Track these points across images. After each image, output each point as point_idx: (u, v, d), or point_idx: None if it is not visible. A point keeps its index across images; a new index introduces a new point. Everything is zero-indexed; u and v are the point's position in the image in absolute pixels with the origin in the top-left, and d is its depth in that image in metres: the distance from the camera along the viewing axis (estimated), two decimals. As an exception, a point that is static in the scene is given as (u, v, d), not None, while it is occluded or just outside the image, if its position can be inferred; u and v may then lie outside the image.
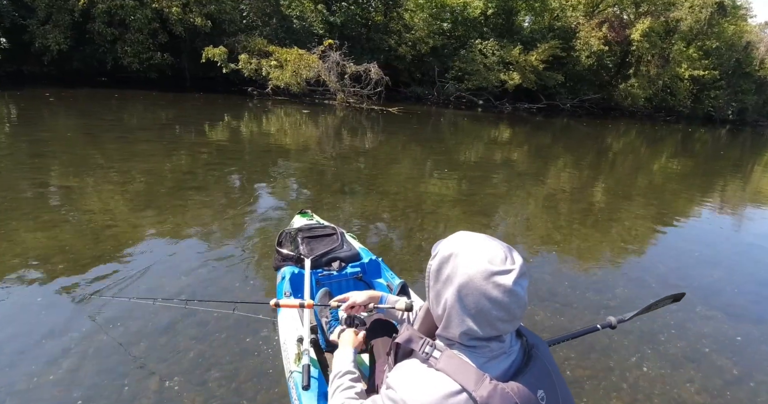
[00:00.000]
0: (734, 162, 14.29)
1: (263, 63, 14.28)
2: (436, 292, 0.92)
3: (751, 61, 31.47)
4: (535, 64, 20.91)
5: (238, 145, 8.45)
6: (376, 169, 7.47)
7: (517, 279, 0.84)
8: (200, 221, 4.33)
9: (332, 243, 2.68)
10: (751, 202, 8.22)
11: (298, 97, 15.18)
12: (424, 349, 0.92)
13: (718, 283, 4.08)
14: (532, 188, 7.05)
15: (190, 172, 6.09)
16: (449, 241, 0.93)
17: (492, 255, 0.85)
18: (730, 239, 5.68)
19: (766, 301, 3.85)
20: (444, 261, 0.90)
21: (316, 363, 1.79)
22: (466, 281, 0.84)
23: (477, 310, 0.84)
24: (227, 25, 16.66)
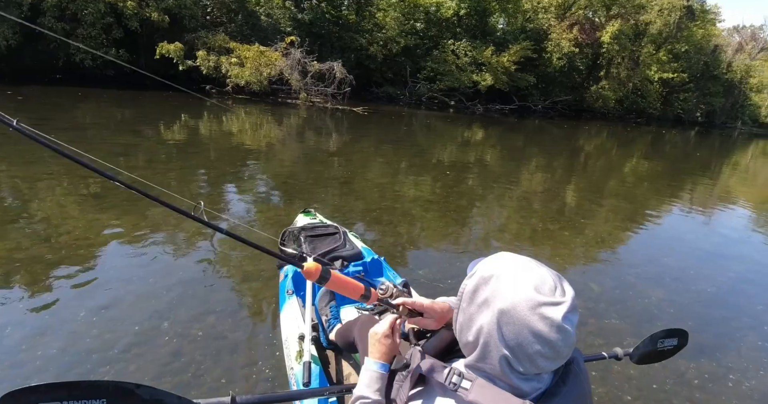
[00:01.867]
0: (703, 163, 14.51)
1: (223, 60, 13.61)
2: (468, 316, 0.83)
3: (719, 65, 32.24)
4: (507, 65, 20.78)
5: (196, 146, 7.89)
6: (347, 170, 7.15)
7: (567, 314, 0.74)
8: (156, 224, 4.01)
9: (335, 242, 2.70)
10: (720, 202, 8.33)
11: (260, 95, 14.53)
12: (451, 379, 0.83)
13: (690, 281, 4.10)
14: (506, 189, 7.02)
15: (147, 172, 5.64)
16: (491, 261, 0.85)
17: (539, 283, 0.77)
18: (700, 238, 5.82)
19: (736, 294, 3.97)
20: (482, 283, 0.81)
21: (317, 360, 1.77)
22: (507, 308, 0.75)
23: (517, 343, 0.75)
24: (187, 21, 15.90)
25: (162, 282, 3.06)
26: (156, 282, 3.05)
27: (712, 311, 3.58)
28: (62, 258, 3.25)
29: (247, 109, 12.85)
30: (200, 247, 3.66)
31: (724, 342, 3.09)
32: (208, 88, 14.28)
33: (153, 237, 3.76)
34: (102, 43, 14.83)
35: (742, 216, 7.34)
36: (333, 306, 2.19)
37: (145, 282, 3.04)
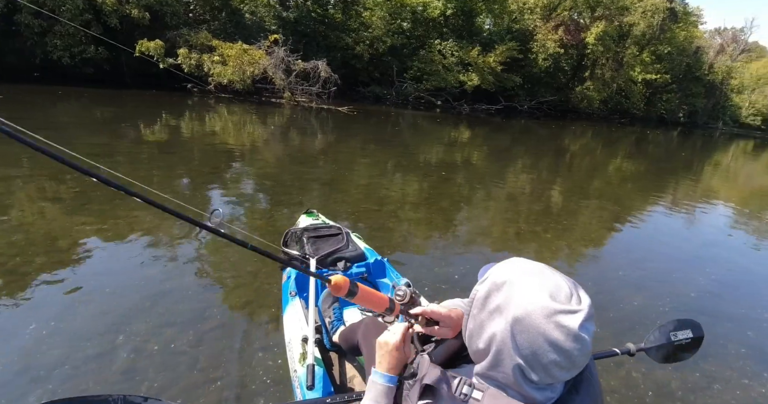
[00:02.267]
0: (686, 163, 14.71)
1: (205, 58, 13.35)
2: (480, 323, 0.80)
3: (701, 66, 32.81)
4: (493, 65, 20.84)
5: (178, 146, 7.67)
6: (333, 170, 7.02)
7: (584, 322, 0.71)
8: (140, 227, 3.89)
9: (337, 243, 2.66)
10: (703, 202, 8.35)
11: (243, 94, 14.29)
12: (462, 390, 0.82)
13: (673, 285, 4.08)
14: (493, 190, 6.99)
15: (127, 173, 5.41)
16: (503, 267, 0.83)
17: (555, 290, 0.74)
18: (683, 240, 5.81)
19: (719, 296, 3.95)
20: (495, 289, 0.78)
21: (321, 363, 1.75)
22: (521, 316, 0.72)
23: (531, 352, 0.72)
24: (169, 18, 15.59)
25: (153, 286, 2.98)
26: (148, 285, 2.98)
27: (694, 317, 3.52)
28: (43, 265, 3.10)
29: (230, 108, 12.62)
30: (186, 249, 3.58)
31: (707, 350, 3.03)
32: (190, 87, 14.00)
33: (137, 240, 3.65)
34: (80, 40, 14.48)
35: (724, 216, 7.39)
36: (336, 308, 2.17)
37: (133, 286, 2.96)
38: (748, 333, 3.27)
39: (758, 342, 3.15)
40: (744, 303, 3.80)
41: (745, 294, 4.07)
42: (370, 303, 1.15)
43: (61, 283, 2.92)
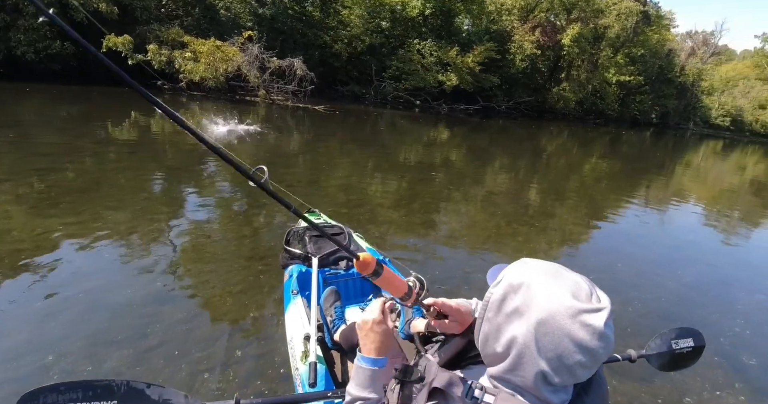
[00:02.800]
0: (658, 163, 15.04)
1: (176, 55, 12.95)
2: (496, 326, 0.78)
3: (673, 68, 33.70)
4: (472, 65, 20.92)
5: (148, 145, 7.42)
6: (311, 170, 6.90)
7: (607, 320, 0.70)
8: (118, 227, 3.83)
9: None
10: (674, 201, 8.60)
11: (216, 92, 13.90)
12: (472, 394, 0.79)
13: (645, 287, 4.13)
14: (472, 189, 7.05)
15: (99, 176, 5.25)
16: (518, 268, 0.80)
17: (576, 289, 0.73)
18: (655, 239, 5.90)
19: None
20: (511, 291, 0.76)
21: (323, 361, 1.76)
22: (545, 318, 0.70)
23: (556, 354, 0.70)
24: (139, 13, 15.12)
25: (142, 288, 2.94)
26: (133, 283, 2.96)
27: (667, 322, 3.50)
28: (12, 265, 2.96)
29: (203, 106, 12.28)
30: (161, 247, 3.53)
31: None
32: (160, 84, 13.56)
33: (116, 240, 3.57)
34: (45, 35, 13.92)
35: (695, 216, 7.55)
36: (338, 307, 2.15)
37: (119, 287, 2.92)
38: (721, 340, 3.26)
39: (730, 350, 3.12)
40: (713, 308, 3.81)
41: (716, 297, 4.09)
42: (391, 286, 1.13)
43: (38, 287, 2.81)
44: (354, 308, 2.42)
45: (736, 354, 3.05)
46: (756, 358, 3.01)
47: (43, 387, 0.99)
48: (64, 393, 0.99)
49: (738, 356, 3.02)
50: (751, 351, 3.11)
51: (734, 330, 3.41)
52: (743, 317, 3.62)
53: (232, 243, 3.81)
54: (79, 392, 1.01)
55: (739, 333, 3.37)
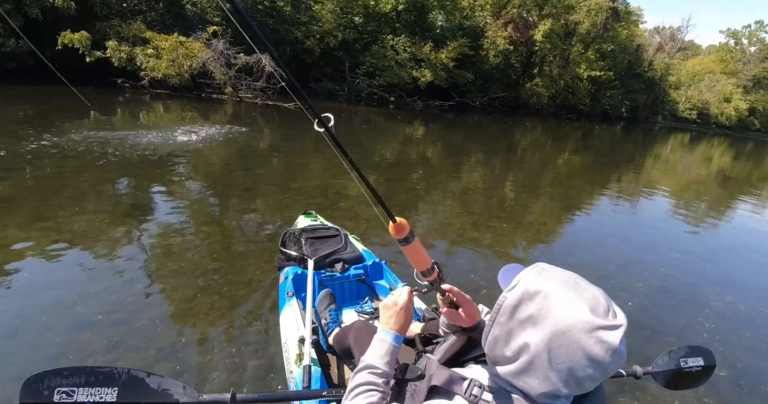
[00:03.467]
0: (629, 156, 15.41)
1: (137, 51, 12.38)
2: (507, 331, 0.78)
3: (641, 63, 34.42)
4: (446, 61, 20.85)
5: (111, 148, 6.98)
6: (285, 170, 6.72)
7: (623, 337, 0.71)
8: (83, 235, 3.67)
9: (336, 245, 2.65)
10: (645, 192, 8.87)
11: (181, 90, 13.36)
12: (471, 391, 0.82)
13: (616, 275, 4.26)
14: (448, 185, 7.08)
15: (60, 180, 4.96)
16: (534, 275, 0.79)
17: (594, 304, 0.73)
18: (628, 224, 6.25)
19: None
20: (527, 298, 0.76)
21: (317, 364, 1.76)
22: (562, 330, 0.71)
23: (568, 366, 0.71)
24: (99, 8, 14.45)
25: (114, 292, 2.88)
26: (106, 291, 2.88)
27: (644, 312, 3.50)
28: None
29: (167, 105, 11.79)
30: (132, 252, 3.44)
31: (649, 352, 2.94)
32: (120, 82, 12.95)
33: (85, 247, 3.42)
34: (-1, 32, 13.15)
35: (664, 207, 7.77)
36: (332, 310, 2.16)
37: (89, 295, 2.83)
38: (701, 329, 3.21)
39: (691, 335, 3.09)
40: (685, 314, 3.77)
41: (686, 285, 4.15)
42: (418, 257, 1.13)
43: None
44: (350, 311, 2.42)
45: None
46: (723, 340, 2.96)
47: (49, 371, 1.04)
48: (68, 378, 1.04)
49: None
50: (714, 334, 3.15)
51: (704, 325, 3.41)
52: (713, 306, 3.69)
53: (214, 243, 3.75)
54: (82, 377, 1.05)
55: (714, 323, 3.38)
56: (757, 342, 3.19)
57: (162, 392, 1.12)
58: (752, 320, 3.51)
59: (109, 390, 1.06)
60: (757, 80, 45.03)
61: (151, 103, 11.95)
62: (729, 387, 2.64)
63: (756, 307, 3.75)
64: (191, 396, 1.15)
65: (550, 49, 24.21)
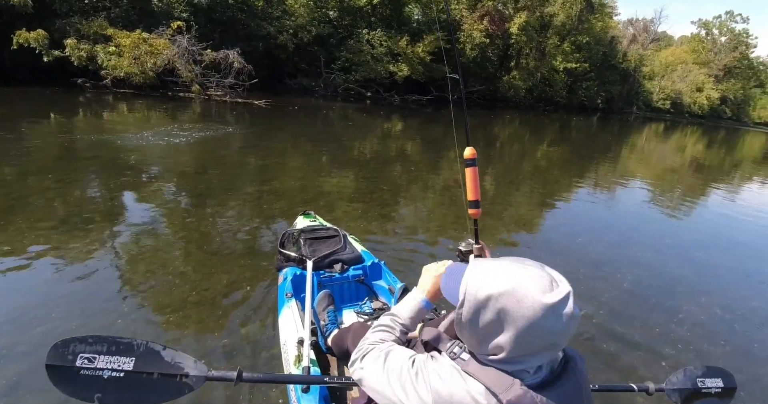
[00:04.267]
0: (606, 146, 15.59)
1: (98, 49, 11.82)
2: (478, 340, 0.82)
3: (616, 55, 34.84)
4: (422, 55, 20.65)
5: (74, 151, 6.69)
6: (264, 170, 6.52)
7: (572, 302, 0.77)
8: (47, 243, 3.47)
9: (335, 245, 2.63)
10: (622, 181, 9.04)
11: (146, 89, 12.78)
12: (452, 349, 0.89)
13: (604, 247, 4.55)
14: (429, 180, 7.06)
15: (22, 188, 4.70)
16: (475, 280, 0.81)
17: (540, 284, 0.76)
18: (606, 214, 6.46)
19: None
20: (480, 307, 0.78)
21: (316, 365, 1.73)
22: (527, 326, 0.75)
23: (543, 347, 0.78)
24: (58, 5, 13.78)
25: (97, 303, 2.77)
26: (84, 299, 2.78)
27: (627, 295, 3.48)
28: None
29: (131, 106, 11.29)
30: (106, 260, 3.30)
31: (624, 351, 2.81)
32: (81, 82, 12.36)
33: (57, 257, 3.24)
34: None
35: (642, 194, 8.00)
36: (330, 311, 2.13)
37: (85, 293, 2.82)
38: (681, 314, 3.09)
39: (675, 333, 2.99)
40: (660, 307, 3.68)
41: (664, 267, 4.26)
42: (473, 185, 1.41)
43: None
44: (349, 311, 2.40)
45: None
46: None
47: (75, 337, 1.11)
48: (92, 345, 1.12)
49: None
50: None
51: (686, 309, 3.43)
52: (689, 283, 3.86)
53: (199, 245, 3.66)
54: (105, 345, 1.13)
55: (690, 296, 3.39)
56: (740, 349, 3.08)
57: (174, 364, 1.20)
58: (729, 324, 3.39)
59: (127, 360, 1.14)
60: (728, 69, 46.15)
61: (114, 103, 11.43)
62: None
63: (733, 309, 3.62)
64: (201, 370, 1.23)
65: (526, 42, 24.24)
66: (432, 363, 0.87)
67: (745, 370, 2.75)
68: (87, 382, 1.10)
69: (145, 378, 1.16)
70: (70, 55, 11.62)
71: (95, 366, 1.10)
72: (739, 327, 3.32)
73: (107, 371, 1.12)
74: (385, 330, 1.07)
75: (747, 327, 3.33)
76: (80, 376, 1.10)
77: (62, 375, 1.09)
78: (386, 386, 0.90)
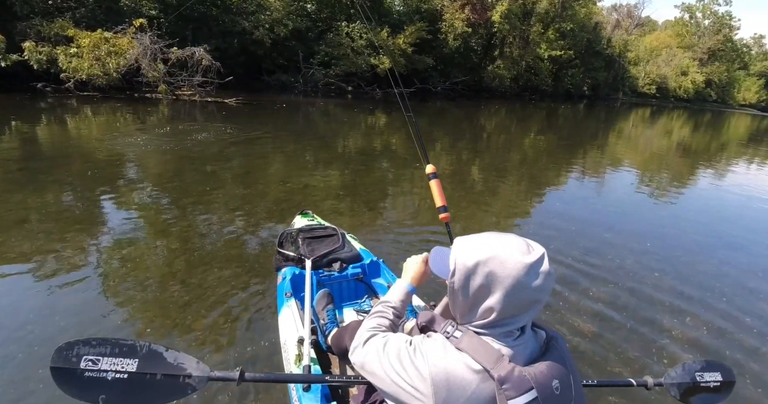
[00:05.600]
0: (593, 133, 15.44)
1: (59, 51, 11.23)
2: (470, 305, 0.91)
3: (600, 41, 34.56)
4: (404, 47, 20.21)
5: (41, 161, 6.30)
6: (246, 173, 6.31)
7: (547, 261, 0.87)
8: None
9: (333, 244, 2.63)
10: (611, 168, 9.10)
11: (112, 91, 12.13)
12: (446, 328, 0.94)
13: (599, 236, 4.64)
14: (415, 173, 6.95)
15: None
16: (462, 251, 0.91)
17: (519, 249, 0.86)
18: (596, 200, 6.50)
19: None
20: (470, 273, 0.88)
21: (317, 364, 1.76)
22: (513, 284, 0.84)
23: (528, 303, 0.87)
24: (19, 7, 13.12)
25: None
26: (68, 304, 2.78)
27: (618, 295, 3.43)
28: None
29: (95, 109, 10.75)
30: (95, 263, 3.31)
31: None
32: (40, 87, 11.76)
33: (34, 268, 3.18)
34: None
35: (631, 179, 8.08)
36: (330, 310, 2.15)
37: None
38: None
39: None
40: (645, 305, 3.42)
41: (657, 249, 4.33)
42: (438, 193, 2.11)
43: None
44: (349, 310, 2.42)
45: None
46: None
47: (79, 340, 1.14)
48: (95, 347, 1.14)
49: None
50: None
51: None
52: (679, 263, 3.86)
53: (192, 250, 3.63)
54: (108, 348, 1.15)
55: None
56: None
57: (177, 365, 1.21)
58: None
59: (130, 361, 1.15)
60: (712, 52, 46.16)
61: (78, 107, 10.85)
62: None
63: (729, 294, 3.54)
64: (203, 371, 1.23)
65: (509, 30, 23.85)
66: (428, 340, 0.94)
67: (744, 362, 2.72)
68: (91, 384, 1.12)
69: (148, 379, 1.17)
70: (29, 58, 11.03)
71: (99, 368, 1.12)
72: (741, 316, 3.25)
73: (111, 372, 1.13)
74: (380, 316, 1.18)
75: (748, 316, 3.27)
76: (85, 378, 1.11)
77: (67, 377, 1.11)
78: (387, 366, 0.95)
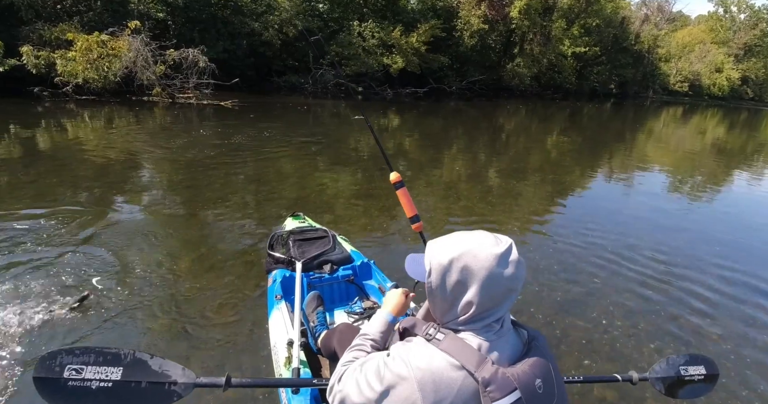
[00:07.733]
0: (621, 134, 14.92)
1: (56, 55, 11.02)
2: (450, 303, 0.93)
3: (628, 36, 32.98)
4: (417, 45, 19.50)
5: (42, 164, 6.15)
6: (257, 175, 6.29)
7: (515, 250, 0.92)
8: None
9: (324, 246, 2.63)
10: (641, 172, 8.63)
11: (110, 95, 11.85)
12: (428, 331, 0.95)
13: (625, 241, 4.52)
14: (430, 175, 6.89)
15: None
16: (435, 251, 0.94)
17: (488, 242, 0.90)
18: (623, 204, 6.27)
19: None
20: (446, 270, 0.91)
21: (307, 366, 1.77)
22: (488, 275, 0.87)
23: (504, 292, 0.89)
24: (24, 12, 13.05)
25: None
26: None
27: (638, 299, 3.39)
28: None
29: (93, 113, 10.46)
30: (89, 263, 3.29)
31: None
32: (37, 91, 11.57)
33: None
34: None
35: (664, 182, 7.82)
36: (320, 312, 2.13)
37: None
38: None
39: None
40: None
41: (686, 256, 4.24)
42: (407, 203, 2.01)
43: None
44: (340, 312, 2.41)
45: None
46: None
47: (62, 349, 1.12)
48: (79, 356, 1.12)
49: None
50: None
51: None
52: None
53: (194, 251, 3.62)
54: (92, 356, 1.14)
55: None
56: None
57: (162, 372, 1.20)
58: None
59: (115, 370, 1.14)
60: (748, 48, 43.72)
61: (75, 112, 10.59)
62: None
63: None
64: (189, 377, 1.23)
65: (529, 27, 22.81)
66: (407, 345, 0.94)
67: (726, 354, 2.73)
68: (75, 393, 1.09)
69: (133, 388, 1.15)
70: (27, 62, 10.86)
71: (83, 377, 1.11)
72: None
73: (95, 381, 1.12)
74: (358, 350, 1.16)
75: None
76: (68, 388, 1.09)
77: (50, 388, 1.08)
78: (366, 388, 0.92)
